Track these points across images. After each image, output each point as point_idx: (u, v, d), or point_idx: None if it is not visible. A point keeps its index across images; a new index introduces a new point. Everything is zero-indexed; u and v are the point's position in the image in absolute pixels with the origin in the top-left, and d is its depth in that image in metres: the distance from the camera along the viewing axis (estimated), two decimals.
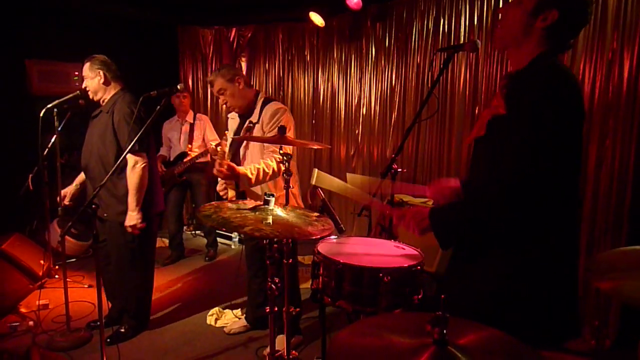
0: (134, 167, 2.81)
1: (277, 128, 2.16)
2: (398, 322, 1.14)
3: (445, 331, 0.93)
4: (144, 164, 2.84)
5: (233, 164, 2.51)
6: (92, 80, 2.93)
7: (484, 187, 1.42)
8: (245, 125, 2.84)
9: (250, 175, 2.54)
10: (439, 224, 1.45)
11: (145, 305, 3.21)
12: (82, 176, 3.22)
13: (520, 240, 1.38)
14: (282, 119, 2.72)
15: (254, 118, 2.81)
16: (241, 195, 2.88)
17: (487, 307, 1.38)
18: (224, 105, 2.91)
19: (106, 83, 2.95)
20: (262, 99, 2.85)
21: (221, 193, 2.97)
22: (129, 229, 2.84)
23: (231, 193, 2.89)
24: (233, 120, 3.02)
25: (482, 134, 1.44)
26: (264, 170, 2.59)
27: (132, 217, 2.83)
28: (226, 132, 2.88)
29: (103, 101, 2.99)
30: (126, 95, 2.95)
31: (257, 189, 2.79)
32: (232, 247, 5.34)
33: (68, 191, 3.21)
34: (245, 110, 2.87)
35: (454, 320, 0.97)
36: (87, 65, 2.93)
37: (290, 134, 2.75)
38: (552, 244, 1.38)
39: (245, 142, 2.85)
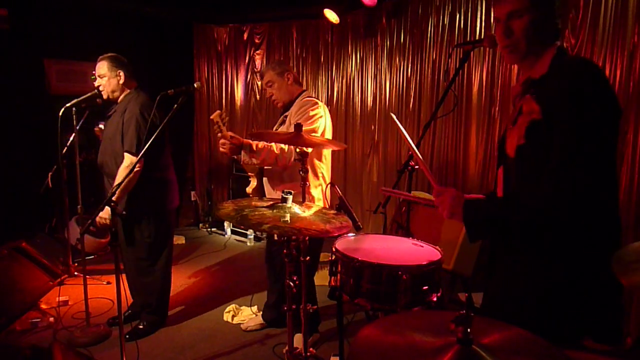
0: (129, 167, 2.79)
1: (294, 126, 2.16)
2: (420, 320, 1.14)
3: (469, 330, 0.92)
4: (138, 168, 2.78)
5: (235, 134, 2.52)
6: (111, 80, 2.94)
7: (532, 191, 1.37)
8: (280, 119, 2.88)
9: (255, 148, 2.53)
10: (472, 215, 1.44)
11: (164, 301, 3.24)
12: None
13: (569, 246, 1.35)
14: (309, 110, 2.70)
15: (289, 112, 2.83)
16: (261, 188, 2.89)
17: (533, 315, 1.37)
18: (269, 97, 2.93)
19: (125, 83, 2.98)
20: (305, 97, 2.87)
21: (248, 190, 3.00)
22: (98, 219, 2.76)
23: (253, 182, 2.91)
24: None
25: (522, 142, 1.40)
26: (271, 148, 2.57)
27: (106, 211, 2.66)
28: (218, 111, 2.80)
29: (117, 100, 3.01)
30: (139, 96, 2.97)
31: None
32: (248, 244, 5.37)
33: None
34: (288, 105, 2.89)
35: (478, 319, 0.96)
36: (105, 65, 2.93)
37: (311, 127, 2.70)
38: (598, 247, 1.35)
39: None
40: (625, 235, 2.93)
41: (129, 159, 2.82)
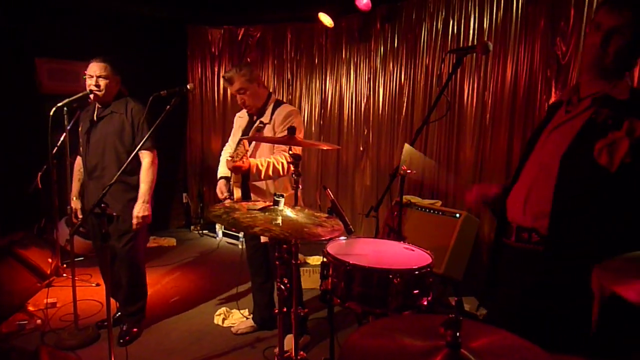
0: (153, 163, 2.96)
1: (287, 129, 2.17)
2: (409, 324, 1.14)
3: (458, 334, 0.92)
4: (156, 161, 2.98)
5: (247, 158, 2.59)
6: (112, 82, 2.94)
7: None
8: (256, 125, 2.88)
9: (260, 167, 2.61)
10: None
11: (142, 302, 3.18)
12: (77, 185, 3.23)
13: None
14: (295, 122, 2.76)
15: (265, 119, 2.85)
16: (246, 196, 2.89)
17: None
18: (242, 104, 2.94)
19: (120, 87, 3.01)
20: (274, 101, 2.92)
21: (221, 197, 2.98)
22: (137, 220, 2.88)
23: (237, 194, 2.90)
24: (242, 118, 3.07)
25: (629, 161, 1.45)
26: (274, 164, 2.66)
27: (145, 208, 2.91)
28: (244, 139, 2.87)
29: (108, 103, 2.99)
30: (134, 98, 3.02)
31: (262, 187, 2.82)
32: (240, 246, 5.35)
33: (77, 206, 3.20)
34: (258, 110, 2.91)
35: (466, 323, 0.96)
36: (108, 67, 2.92)
37: (300, 135, 2.77)
38: None
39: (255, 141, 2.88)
40: None
41: (150, 157, 2.95)
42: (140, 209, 2.89)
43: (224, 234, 5.63)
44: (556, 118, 1.68)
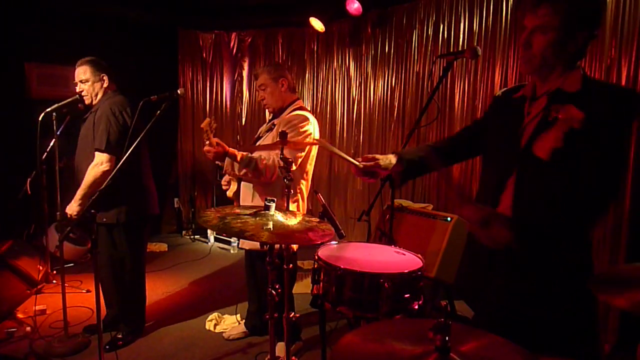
0: (97, 165, 2.77)
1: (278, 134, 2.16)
2: (400, 329, 1.14)
3: (447, 338, 0.92)
4: (107, 167, 2.76)
5: (220, 142, 2.51)
6: (95, 84, 2.91)
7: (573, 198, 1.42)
8: (268, 125, 2.86)
9: (238, 159, 2.53)
10: (524, 235, 1.40)
11: (140, 310, 3.18)
12: None
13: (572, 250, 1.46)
14: (299, 127, 2.66)
15: (277, 121, 2.79)
16: (239, 193, 2.88)
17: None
18: (260, 100, 2.89)
19: (109, 87, 2.95)
20: (296, 106, 2.82)
21: (224, 186, 2.99)
22: (70, 215, 2.81)
23: (233, 186, 2.89)
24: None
25: (560, 145, 1.42)
26: (256, 159, 2.57)
27: (72, 207, 2.79)
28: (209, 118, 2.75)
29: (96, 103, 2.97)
30: (116, 96, 2.93)
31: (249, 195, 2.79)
32: (232, 251, 5.33)
33: None
34: (278, 112, 2.84)
35: (456, 327, 0.96)
36: (88, 69, 2.89)
37: (296, 139, 2.66)
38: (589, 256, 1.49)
39: (259, 143, 2.86)
40: (603, 246, 2.98)
41: (98, 158, 2.78)
42: (69, 206, 2.81)
43: (216, 239, 5.61)
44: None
